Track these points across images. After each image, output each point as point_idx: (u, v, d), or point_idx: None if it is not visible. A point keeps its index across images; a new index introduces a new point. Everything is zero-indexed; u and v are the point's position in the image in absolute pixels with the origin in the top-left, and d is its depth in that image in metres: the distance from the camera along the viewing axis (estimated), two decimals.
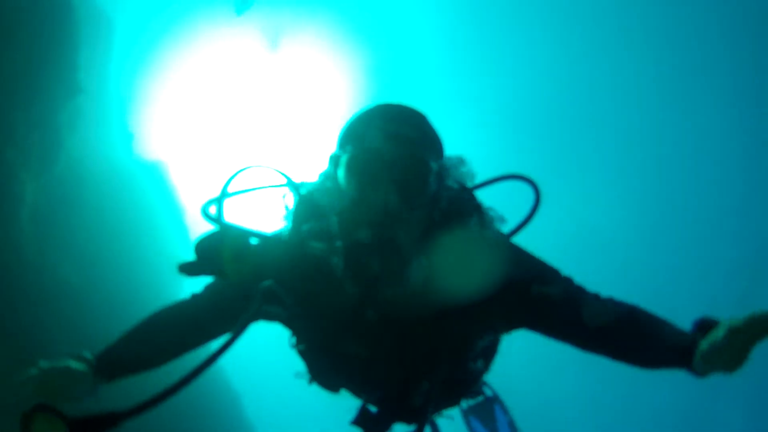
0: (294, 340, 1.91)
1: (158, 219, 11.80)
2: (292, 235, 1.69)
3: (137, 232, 10.35)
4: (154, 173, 12.61)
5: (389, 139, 1.57)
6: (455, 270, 1.58)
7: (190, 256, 1.73)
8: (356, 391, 1.91)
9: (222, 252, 1.62)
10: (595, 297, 1.67)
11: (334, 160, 1.69)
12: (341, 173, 1.62)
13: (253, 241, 1.70)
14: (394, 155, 1.54)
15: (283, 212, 1.82)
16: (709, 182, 24.98)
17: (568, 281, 1.73)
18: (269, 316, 1.76)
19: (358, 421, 1.76)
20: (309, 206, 1.71)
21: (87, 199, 8.66)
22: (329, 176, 1.70)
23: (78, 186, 8.44)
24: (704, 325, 1.45)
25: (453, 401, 2.03)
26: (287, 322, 1.86)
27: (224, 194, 1.87)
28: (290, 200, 1.83)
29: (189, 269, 1.70)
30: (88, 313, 7.56)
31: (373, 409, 1.81)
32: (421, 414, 1.71)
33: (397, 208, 1.51)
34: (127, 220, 10.03)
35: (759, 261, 24.42)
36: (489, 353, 1.98)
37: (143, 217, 10.92)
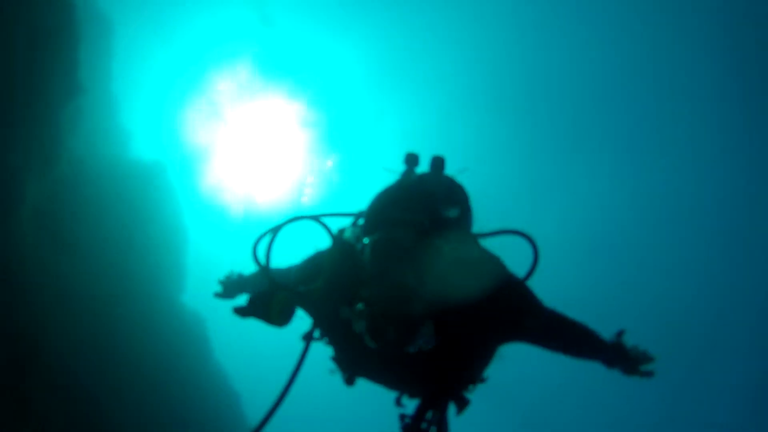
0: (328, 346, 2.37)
1: (158, 218, 11.80)
2: (325, 294, 2.14)
3: (137, 232, 10.35)
4: (155, 173, 12.60)
5: (401, 226, 2.01)
6: (451, 278, 1.96)
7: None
8: (383, 384, 2.34)
9: (271, 308, 2.14)
10: (559, 318, 2.24)
11: (361, 241, 2.13)
12: (366, 255, 2.05)
13: (293, 295, 2.18)
14: (405, 243, 1.97)
15: (317, 250, 2.33)
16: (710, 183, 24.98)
17: (545, 311, 2.21)
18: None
19: None
20: (342, 264, 2.15)
21: (88, 198, 8.66)
22: (359, 247, 2.12)
23: (79, 186, 8.44)
24: (617, 341, 2.30)
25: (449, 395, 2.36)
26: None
27: (273, 240, 2.30)
28: (326, 245, 2.29)
29: (242, 312, 2.20)
30: (88, 313, 7.56)
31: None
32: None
33: (410, 285, 1.95)
34: (128, 220, 10.03)
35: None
36: (484, 362, 2.29)
37: (143, 216, 10.92)
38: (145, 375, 8.44)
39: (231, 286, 2.93)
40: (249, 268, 2.70)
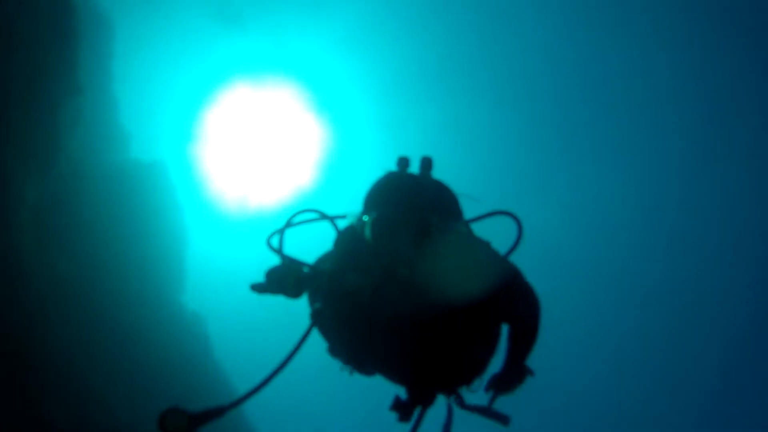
0: (329, 345, 2.45)
1: (157, 218, 11.81)
2: (334, 267, 2.31)
3: (136, 232, 10.36)
4: (154, 173, 12.60)
5: (398, 205, 2.20)
6: (454, 273, 2.06)
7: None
8: (385, 374, 2.40)
9: (286, 281, 2.27)
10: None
11: (362, 220, 2.31)
12: (367, 231, 2.24)
13: (307, 270, 2.33)
14: (402, 218, 2.16)
15: (328, 240, 2.46)
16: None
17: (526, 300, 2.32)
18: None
19: (393, 407, 2.28)
20: (346, 244, 2.34)
21: (86, 198, 8.67)
22: (360, 226, 2.31)
23: (78, 185, 8.44)
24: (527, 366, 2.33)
25: (457, 384, 2.40)
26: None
27: (284, 230, 2.47)
28: (334, 234, 2.46)
29: (259, 288, 2.30)
30: (88, 312, 7.57)
31: (402, 397, 2.31)
32: (433, 399, 2.26)
33: (405, 256, 2.11)
34: (127, 220, 10.04)
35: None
36: (489, 345, 2.35)
37: (142, 216, 10.93)
38: (145, 374, 8.45)
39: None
40: (248, 267, 2.78)
